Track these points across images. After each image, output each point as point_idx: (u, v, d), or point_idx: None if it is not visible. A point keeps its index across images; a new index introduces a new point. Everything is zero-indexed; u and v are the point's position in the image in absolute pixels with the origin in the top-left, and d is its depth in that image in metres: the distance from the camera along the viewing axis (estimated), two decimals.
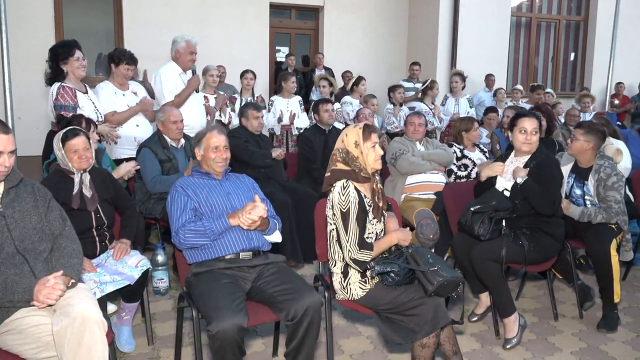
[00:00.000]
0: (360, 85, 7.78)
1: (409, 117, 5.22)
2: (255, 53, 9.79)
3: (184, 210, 3.02)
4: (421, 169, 4.90)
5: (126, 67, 5.05)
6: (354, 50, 10.62)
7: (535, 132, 3.72)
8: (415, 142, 5.14)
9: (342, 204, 2.86)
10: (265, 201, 3.27)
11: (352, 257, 2.85)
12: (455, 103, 8.28)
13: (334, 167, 3.01)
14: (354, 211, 2.85)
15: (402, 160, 4.88)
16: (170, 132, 4.60)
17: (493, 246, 3.56)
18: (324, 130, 5.73)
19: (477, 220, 3.61)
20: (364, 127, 2.97)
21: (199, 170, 3.29)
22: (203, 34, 9.02)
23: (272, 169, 5.21)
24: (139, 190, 4.57)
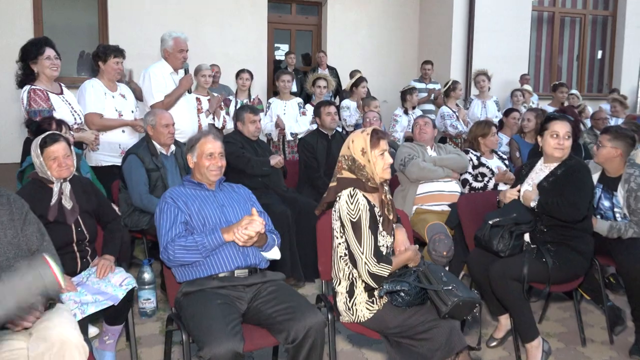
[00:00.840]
0: (360, 87, 7.79)
1: (415, 120, 5.26)
2: (252, 51, 9.81)
3: (174, 224, 3.02)
4: (433, 175, 4.90)
5: (115, 60, 5.09)
6: (359, 49, 10.65)
7: (568, 137, 3.73)
8: (426, 147, 5.14)
9: (351, 213, 2.86)
10: (263, 214, 3.26)
11: (371, 271, 2.84)
12: (482, 106, 8.26)
13: (339, 175, 3.02)
14: (365, 220, 2.85)
15: (411, 165, 4.89)
16: (162, 136, 4.61)
17: (514, 263, 3.54)
18: (326, 135, 5.74)
19: (496, 235, 3.60)
20: (372, 132, 2.98)
21: (191, 180, 3.29)
22: (195, 30, 9.05)
23: (271, 178, 5.21)
24: (123, 202, 4.57)
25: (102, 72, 5.13)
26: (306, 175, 5.57)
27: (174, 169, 4.66)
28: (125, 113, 5.17)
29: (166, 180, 4.53)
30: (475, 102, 8.35)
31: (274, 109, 7.08)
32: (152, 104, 5.24)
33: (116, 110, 5.11)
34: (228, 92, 7.62)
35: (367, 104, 7.23)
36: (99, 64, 5.12)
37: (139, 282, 4.18)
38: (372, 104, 7.18)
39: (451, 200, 4.86)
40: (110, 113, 5.09)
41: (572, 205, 3.55)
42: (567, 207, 3.55)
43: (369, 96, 7.59)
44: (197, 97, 6.21)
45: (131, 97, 5.35)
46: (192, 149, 3.30)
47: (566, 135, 3.72)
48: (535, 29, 11.29)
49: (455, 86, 7.91)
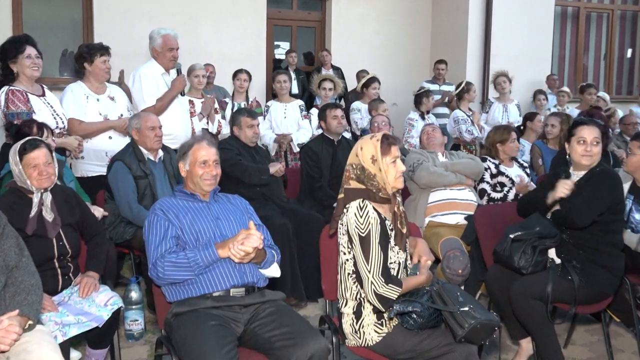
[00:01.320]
0: (370, 89, 7.80)
1: (422, 128, 5.28)
2: (250, 49, 9.84)
3: (164, 238, 3.02)
4: (444, 180, 4.90)
5: (102, 59, 5.09)
6: (366, 47, 10.67)
7: (597, 143, 3.73)
8: (437, 153, 5.15)
9: (360, 226, 2.86)
10: (262, 228, 3.26)
11: (377, 292, 2.82)
12: (503, 110, 8.26)
13: (347, 185, 3.01)
14: (375, 235, 2.85)
15: (421, 169, 4.89)
16: (148, 140, 4.61)
17: (536, 281, 3.53)
18: (332, 141, 5.74)
19: (517, 250, 3.59)
20: (383, 138, 2.97)
21: (183, 190, 3.29)
22: (188, 26, 9.07)
23: (270, 188, 5.21)
24: (110, 213, 4.57)
25: (89, 73, 5.12)
26: (308, 185, 5.56)
27: (162, 177, 4.66)
28: (112, 117, 5.16)
29: (155, 189, 4.54)
30: (495, 106, 8.32)
31: (273, 113, 7.08)
32: (144, 108, 5.23)
33: (100, 115, 5.09)
34: (224, 94, 7.62)
35: (374, 107, 7.22)
36: (84, 65, 5.11)
37: (125, 301, 4.18)
38: (380, 107, 7.18)
39: (466, 209, 4.85)
40: (92, 118, 5.06)
41: (577, 211, 3.56)
42: (572, 213, 3.57)
43: (377, 99, 7.59)
44: (190, 99, 6.22)
45: (122, 99, 5.35)
46: (184, 156, 3.30)
47: (594, 141, 3.72)
48: (558, 25, 11.30)
49: (469, 87, 7.90)
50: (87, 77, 5.15)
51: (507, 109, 8.26)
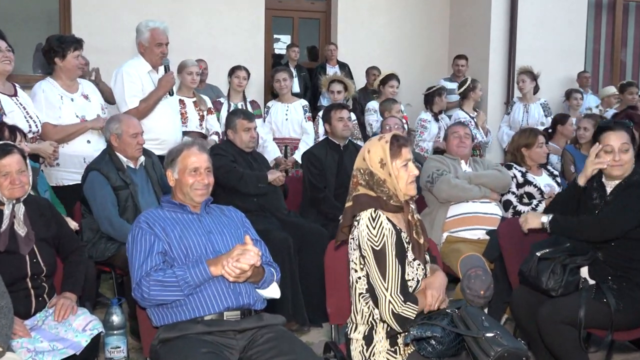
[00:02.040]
0: (387, 87, 7.81)
1: (451, 127, 5.24)
2: (246, 43, 9.85)
3: (150, 254, 3.03)
4: (467, 194, 4.90)
5: (76, 54, 5.09)
6: (377, 40, 10.68)
7: (627, 149, 3.73)
8: (460, 161, 5.14)
9: (374, 239, 2.85)
10: (259, 243, 3.27)
11: (396, 311, 2.82)
12: (524, 110, 8.26)
13: (355, 192, 3.02)
14: (391, 247, 2.84)
15: (441, 182, 4.88)
16: (129, 148, 4.61)
17: (568, 304, 3.53)
18: (337, 146, 5.75)
19: (545, 269, 3.59)
20: (392, 139, 2.98)
21: (171, 200, 3.30)
22: (177, 17, 9.06)
23: (268, 199, 5.22)
24: (87, 228, 4.58)
25: (60, 70, 5.11)
26: (312, 195, 5.56)
27: (145, 185, 4.67)
28: (89, 117, 5.16)
29: (137, 199, 4.55)
30: (517, 106, 8.34)
31: (273, 114, 7.09)
32: (125, 110, 5.24)
33: (77, 116, 5.10)
34: (217, 94, 7.64)
35: (387, 107, 7.22)
36: (54, 60, 5.09)
37: (106, 326, 4.16)
38: (393, 107, 7.17)
39: (490, 225, 4.85)
40: (69, 120, 5.07)
41: (609, 221, 3.59)
42: (603, 223, 3.60)
43: (390, 99, 7.59)
44: (180, 98, 6.22)
45: (97, 97, 5.36)
46: (173, 164, 3.31)
47: (623, 147, 3.72)
48: (592, 17, 11.29)
49: (474, 85, 7.87)
50: (57, 73, 5.13)
51: (528, 110, 8.25)
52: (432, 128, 7.65)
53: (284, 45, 10.83)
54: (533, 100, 8.34)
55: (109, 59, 7.48)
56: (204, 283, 3.00)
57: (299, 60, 9.99)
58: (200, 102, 6.52)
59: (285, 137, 7.14)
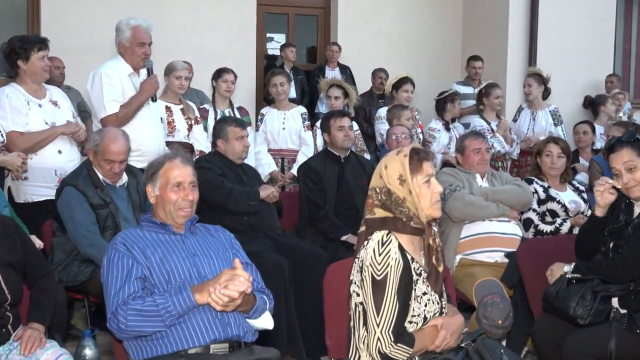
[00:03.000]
0: (401, 92, 7.78)
1: (469, 139, 5.23)
2: (236, 43, 9.87)
3: (127, 280, 3.03)
4: (483, 212, 4.89)
5: (40, 55, 5.05)
6: (382, 39, 10.71)
7: (634, 167, 3.70)
8: (475, 174, 5.15)
9: (376, 267, 2.85)
10: (250, 267, 3.26)
11: (382, 350, 2.82)
12: (531, 118, 8.25)
13: (370, 215, 3.01)
14: (394, 281, 2.83)
15: (454, 199, 4.87)
16: (100, 170, 4.57)
17: (597, 336, 3.52)
18: (337, 158, 5.75)
19: (574, 294, 3.59)
20: (412, 152, 2.97)
21: (151, 219, 3.30)
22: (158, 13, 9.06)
23: (261, 217, 5.21)
24: (58, 248, 4.56)
25: (24, 73, 5.07)
26: (310, 213, 5.56)
27: (125, 208, 4.65)
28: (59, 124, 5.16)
29: (118, 219, 4.54)
30: (524, 113, 8.28)
31: (268, 123, 7.06)
32: (103, 117, 5.23)
33: (46, 124, 5.08)
34: (202, 99, 7.62)
35: (396, 115, 7.19)
36: (17, 63, 5.06)
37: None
38: (402, 114, 7.16)
39: (509, 246, 4.84)
40: (37, 128, 5.03)
41: (624, 265, 3.62)
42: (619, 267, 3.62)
43: (399, 105, 7.57)
44: (167, 105, 6.22)
45: (67, 104, 5.33)
46: (153, 178, 3.31)
47: (628, 166, 3.71)
48: (622, 13, 11.33)
49: (489, 91, 7.87)
50: (22, 78, 5.10)
51: (535, 117, 8.21)
52: (442, 138, 7.61)
53: (278, 45, 10.82)
54: (542, 107, 8.29)
55: (84, 60, 7.50)
56: (187, 312, 2.99)
57: (295, 62, 9.99)
58: (188, 109, 6.48)
59: (282, 149, 7.12)
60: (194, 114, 6.53)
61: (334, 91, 7.47)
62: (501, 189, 5.03)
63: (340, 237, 5.30)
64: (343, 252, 5.09)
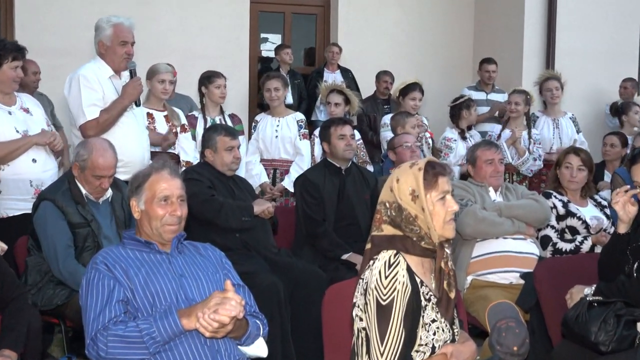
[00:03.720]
0: (408, 99, 7.78)
1: (480, 149, 5.23)
2: (227, 44, 9.88)
3: (108, 303, 3.02)
4: (497, 229, 4.88)
5: (13, 65, 5.06)
6: (386, 41, 10.73)
7: None
8: (488, 187, 5.15)
9: (381, 291, 2.83)
10: (243, 289, 3.26)
11: None
12: (553, 126, 8.25)
13: (377, 232, 3.00)
14: (400, 307, 2.82)
15: (465, 214, 4.86)
16: (88, 186, 4.57)
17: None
18: (338, 170, 5.75)
19: (595, 319, 3.59)
20: (427, 166, 2.97)
21: (134, 237, 3.30)
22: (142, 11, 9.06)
23: (254, 234, 5.21)
24: (33, 268, 4.56)
25: None
26: (308, 230, 5.55)
27: (108, 225, 4.65)
28: (32, 133, 5.12)
29: (99, 239, 4.53)
30: (543, 121, 8.27)
31: (261, 131, 7.06)
32: (82, 123, 5.22)
33: (18, 132, 5.07)
34: (190, 106, 7.62)
35: (399, 122, 7.20)
36: None
37: None
38: (407, 122, 7.16)
39: (525, 266, 4.83)
40: (8, 136, 5.01)
41: None
42: None
43: (402, 112, 7.57)
44: (148, 111, 6.20)
45: (39, 111, 5.32)
46: (138, 191, 3.30)
47: None
48: None
49: (509, 99, 7.88)
50: None
51: (558, 124, 8.21)
52: (459, 148, 7.57)
53: (273, 47, 10.84)
54: (561, 114, 8.32)
55: (61, 62, 7.50)
56: (174, 339, 2.98)
57: (292, 65, 9.98)
58: (173, 116, 6.48)
59: (275, 159, 7.13)
60: (179, 120, 6.52)
61: (334, 97, 7.46)
62: (516, 204, 5.03)
63: (340, 256, 5.31)
64: (344, 272, 5.10)
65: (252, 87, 10.27)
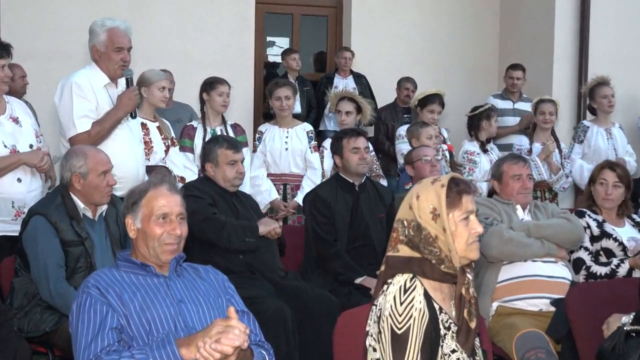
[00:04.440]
0: (426, 111, 7.77)
1: (507, 164, 5.23)
2: (230, 48, 9.90)
3: (101, 330, 3.02)
4: (525, 251, 4.86)
5: (0, 63, 5.06)
6: (403, 45, 10.75)
7: None
8: (515, 205, 5.14)
9: (397, 318, 2.84)
10: (247, 316, 3.26)
11: None
12: (607, 136, 8.21)
13: (392, 252, 3.00)
14: (417, 336, 2.82)
15: (491, 234, 4.84)
16: (96, 192, 4.55)
17: None
18: (351, 186, 5.75)
19: (633, 350, 3.60)
20: (450, 183, 2.97)
21: (129, 258, 3.31)
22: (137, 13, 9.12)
23: (259, 256, 5.21)
24: (20, 291, 4.56)
25: None
26: (318, 252, 5.55)
27: (102, 243, 4.65)
28: (21, 147, 5.13)
29: (93, 259, 4.52)
30: (595, 131, 8.25)
31: (268, 142, 7.05)
32: (72, 135, 5.20)
33: (5, 146, 5.06)
34: (190, 115, 7.62)
35: (414, 134, 7.21)
36: None
37: None
38: (422, 132, 7.17)
39: (556, 292, 4.81)
40: None
41: None
42: None
43: (418, 122, 7.57)
44: (143, 122, 6.18)
45: (29, 121, 5.32)
46: (134, 208, 3.31)
47: None
48: None
49: (541, 108, 7.85)
50: None
51: (611, 135, 8.20)
52: (483, 163, 7.54)
53: (279, 51, 10.84)
54: (610, 123, 8.31)
55: (50, 68, 7.54)
56: None
57: (300, 71, 10.00)
58: (163, 127, 6.50)
59: (285, 173, 7.12)
60: (169, 133, 6.55)
61: (344, 105, 7.46)
62: (546, 224, 5.00)
63: (353, 280, 5.29)
64: (357, 297, 5.09)
65: (256, 96, 10.27)
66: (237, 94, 8.05)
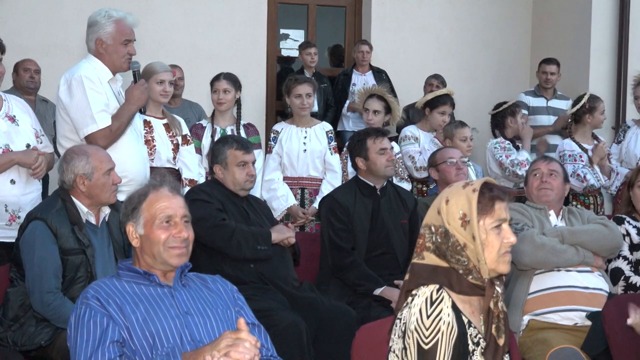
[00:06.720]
0: (436, 112, 7.74)
1: (532, 163, 5.24)
2: (241, 42, 9.91)
3: (101, 344, 3.03)
4: (559, 258, 4.84)
5: None
6: (428, 39, 10.75)
7: None
8: (548, 211, 5.13)
9: (423, 332, 2.84)
10: (258, 329, 3.27)
11: None
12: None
13: (418, 260, 3.00)
14: (445, 352, 2.82)
15: (521, 240, 4.79)
16: (103, 192, 4.54)
17: None
18: (372, 190, 5.73)
19: None
20: (482, 188, 2.96)
21: (132, 267, 3.32)
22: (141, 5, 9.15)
23: (271, 265, 5.21)
24: (15, 301, 4.56)
25: None
26: (335, 261, 5.54)
27: (105, 251, 4.65)
28: (16, 147, 5.11)
29: (94, 270, 4.52)
30: (633, 133, 8.23)
31: (285, 143, 7.02)
32: (92, 132, 5.15)
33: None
34: (199, 115, 7.62)
35: (450, 133, 7.20)
36: None
37: None
38: (458, 133, 7.16)
39: (592, 304, 4.80)
40: None
41: None
42: None
43: (455, 121, 7.54)
44: (145, 119, 6.18)
45: (28, 120, 5.32)
46: (135, 214, 3.32)
47: None
48: None
49: (594, 105, 7.81)
50: None
51: None
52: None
53: (294, 44, 10.86)
54: None
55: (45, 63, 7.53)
56: None
57: (316, 67, 9.98)
58: (173, 124, 6.48)
59: (302, 177, 7.06)
60: (181, 130, 6.52)
61: (373, 103, 7.39)
62: (582, 229, 4.98)
63: (373, 291, 5.28)
64: (378, 310, 5.08)
65: (269, 92, 10.27)
66: (248, 91, 8.02)
